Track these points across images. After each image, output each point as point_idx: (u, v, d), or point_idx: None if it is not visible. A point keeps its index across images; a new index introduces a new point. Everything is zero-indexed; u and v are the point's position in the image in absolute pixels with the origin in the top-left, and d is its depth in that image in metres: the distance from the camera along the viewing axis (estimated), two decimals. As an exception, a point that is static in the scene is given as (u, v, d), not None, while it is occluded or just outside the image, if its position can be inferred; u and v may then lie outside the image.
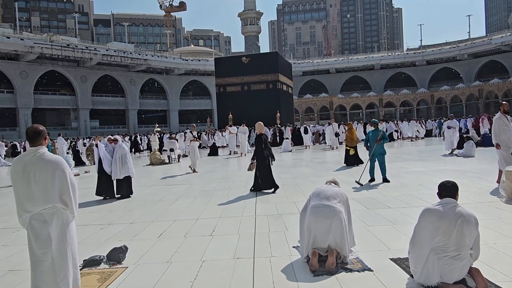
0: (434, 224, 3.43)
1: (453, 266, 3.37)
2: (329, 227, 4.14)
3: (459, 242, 3.37)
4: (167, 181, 12.43)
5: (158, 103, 75.45)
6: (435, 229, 3.43)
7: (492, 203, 6.75)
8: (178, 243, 5.31)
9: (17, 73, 55.79)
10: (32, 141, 3.29)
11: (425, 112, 71.62)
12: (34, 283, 3.19)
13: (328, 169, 13.02)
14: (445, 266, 3.38)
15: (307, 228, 4.27)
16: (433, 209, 3.51)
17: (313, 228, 4.21)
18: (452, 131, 16.09)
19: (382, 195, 7.89)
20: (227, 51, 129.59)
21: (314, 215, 4.24)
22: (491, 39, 69.85)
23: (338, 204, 4.30)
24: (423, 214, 3.58)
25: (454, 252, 3.37)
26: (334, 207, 4.24)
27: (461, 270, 3.40)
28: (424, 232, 3.51)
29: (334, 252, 4.15)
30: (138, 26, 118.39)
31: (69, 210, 3.32)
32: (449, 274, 3.38)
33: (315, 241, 4.19)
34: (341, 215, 4.20)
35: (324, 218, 4.17)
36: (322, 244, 4.18)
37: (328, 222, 4.15)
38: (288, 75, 47.57)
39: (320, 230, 4.17)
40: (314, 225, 4.20)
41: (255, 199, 8.21)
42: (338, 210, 4.22)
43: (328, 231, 4.14)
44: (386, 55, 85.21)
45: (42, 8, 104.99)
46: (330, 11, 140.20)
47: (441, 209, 3.46)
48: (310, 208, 4.34)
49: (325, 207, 4.24)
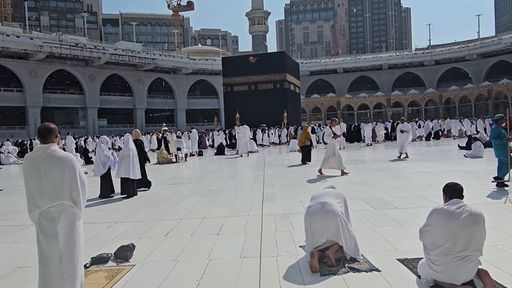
0: (443, 225, 3.41)
1: (460, 268, 3.34)
2: (322, 220, 4.23)
3: (468, 243, 3.34)
4: (174, 180, 12.48)
5: (166, 102, 75.67)
6: (443, 230, 3.41)
7: (500, 204, 6.70)
8: (185, 241, 5.33)
9: (26, 72, 56.25)
10: (44, 139, 3.36)
11: (433, 113, 71.08)
12: (42, 279, 3.24)
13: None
14: (452, 267, 3.36)
15: (306, 230, 4.40)
16: (441, 209, 3.49)
17: (310, 228, 4.31)
18: (405, 135, 15.81)
19: (389, 196, 7.85)
20: (235, 51, 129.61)
21: (309, 215, 4.37)
22: (500, 39, 69.09)
23: (330, 199, 4.43)
24: (431, 214, 3.56)
25: (462, 253, 3.34)
26: (326, 201, 4.36)
27: (469, 272, 3.38)
28: (433, 233, 3.49)
29: (334, 247, 4.20)
30: (146, 25, 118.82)
31: (77, 207, 3.36)
32: (456, 275, 3.36)
33: (314, 240, 4.26)
34: (332, 206, 4.29)
35: (318, 214, 4.28)
36: (320, 239, 4.23)
37: (321, 216, 4.25)
38: (296, 75, 47.50)
39: (316, 227, 4.26)
40: (311, 224, 4.30)
41: (262, 199, 8.22)
42: (329, 203, 4.33)
43: (323, 226, 4.22)
44: (394, 55, 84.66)
45: (51, 7, 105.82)
46: (338, 10, 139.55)
47: (450, 209, 3.44)
48: (306, 210, 4.49)
49: (318, 205, 4.36)
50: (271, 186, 9.88)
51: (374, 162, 14.71)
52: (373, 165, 13.77)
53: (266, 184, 10.25)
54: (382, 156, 17.16)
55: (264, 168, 14.40)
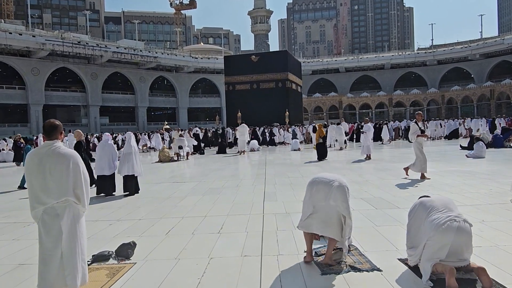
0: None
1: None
2: (329, 190, 4.09)
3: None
4: (175, 178, 12.49)
5: (167, 100, 75.76)
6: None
7: (502, 204, 6.67)
8: (186, 240, 5.33)
9: (28, 70, 56.34)
10: (48, 135, 3.38)
11: (435, 113, 70.96)
12: (42, 276, 3.23)
13: (337, 169, 12.97)
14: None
15: (306, 201, 4.28)
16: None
17: (311, 197, 4.19)
18: (364, 136, 15.77)
19: (391, 195, 7.84)
20: (237, 49, 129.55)
21: (311, 185, 4.26)
22: (503, 39, 68.88)
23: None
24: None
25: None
26: (333, 179, 4.20)
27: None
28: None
29: (333, 241, 4.12)
30: (148, 24, 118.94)
31: (81, 204, 3.37)
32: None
33: (315, 208, 4.15)
34: (342, 178, 4.22)
35: (323, 184, 4.15)
36: (323, 200, 4.10)
37: (328, 186, 4.11)
38: (297, 74, 47.48)
39: (319, 196, 4.14)
40: (315, 193, 4.17)
41: (263, 198, 8.22)
42: (339, 179, 4.20)
43: (327, 193, 4.09)
44: (396, 54, 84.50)
45: (54, 5, 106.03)
46: (340, 10, 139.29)
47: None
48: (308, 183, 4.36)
49: (324, 179, 4.23)
50: (272, 185, 9.88)
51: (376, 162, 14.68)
52: (375, 164, 13.76)
53: (267, 183, 10.25)
54: (383, 156, 17.14)
55: (265, 167, 14.41)
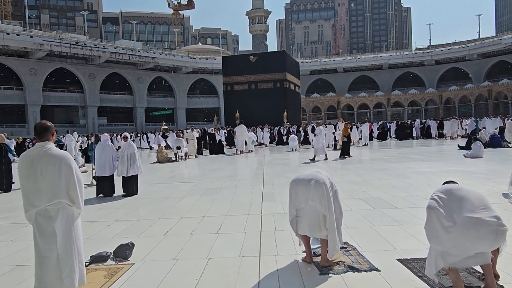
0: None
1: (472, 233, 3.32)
2: (307, 190, 4.14)
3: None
4: (173, 179, 12.48)
5: (166, 101, 75.71)
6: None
7: (500, 204, 6.68)
8: (184, 240, 5.33)
9: (26, 70, 56.22)
10: (40, 136, 3.34)
11: (433, 113, 71.08)
12: (38, 279, 3.20)
13: (336, 169, 12.98)
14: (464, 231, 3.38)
15: (289, 203, 4.38)
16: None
17: (293, 201, 4.29)
18: (316, 139, 16.04)
19: (389, 195, 7.85)
20: (235, 50, 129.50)
21: (292, 187, 4.37)
22: (501, 39, 69.05)
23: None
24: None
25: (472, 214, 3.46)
26: (311, 177, 4.25)
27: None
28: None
29: (325, 242, 4.11)
30: (146, 24, 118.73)
31: (75, 206, 3.33)
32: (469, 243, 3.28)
33: (297, 211, 4.26)
34: (319, 175, 4.24)
35: (302, 185, 4.23)
36: (303, 203, 4.17)
37: (306, 187, 4.16)
38: (296, 74, 47.45)
39: (299, 198, 4.22)
40: (295, 197, 4.27)
41: (262, 198, 8.21)
42: (316, 176, 4.24)
43: (306, 194, 4.15)
44: (394, 54, 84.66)
45: (52, 5, 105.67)
46: (338, 10, 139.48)
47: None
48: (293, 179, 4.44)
49: (303, 178, 4.31)
50: (270, 185, 9.88)
51: (375, 162, 14.70)
52: (373, 164, 13.77)
53: (265, 183, 10.25)
54: (381, 156, 17.15)
55: (264, 167, 14.40)
